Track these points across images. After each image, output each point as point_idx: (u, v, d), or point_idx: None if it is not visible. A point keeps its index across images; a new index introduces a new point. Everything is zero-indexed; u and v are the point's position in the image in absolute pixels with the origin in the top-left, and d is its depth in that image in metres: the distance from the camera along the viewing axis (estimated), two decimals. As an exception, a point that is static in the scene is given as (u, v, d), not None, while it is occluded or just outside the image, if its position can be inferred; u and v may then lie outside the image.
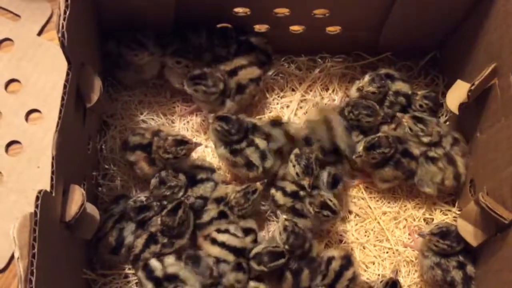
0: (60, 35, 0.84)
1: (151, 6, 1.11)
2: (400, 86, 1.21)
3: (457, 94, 1.09)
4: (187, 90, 1.15)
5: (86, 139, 1.09)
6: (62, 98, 0.87)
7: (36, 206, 0.74)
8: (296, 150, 1.10)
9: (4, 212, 1.15)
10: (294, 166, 1.09)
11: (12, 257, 1.11)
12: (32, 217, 0.74)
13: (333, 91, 1.30)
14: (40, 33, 1.31)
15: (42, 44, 1.30)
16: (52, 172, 0.82)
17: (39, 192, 0.76)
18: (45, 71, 1.27)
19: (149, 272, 1.01)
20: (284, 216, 1.06)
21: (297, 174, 1.08)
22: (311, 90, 1.30)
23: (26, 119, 1.24)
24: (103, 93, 1.14)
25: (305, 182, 1.07)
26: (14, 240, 0.72)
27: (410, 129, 1.14)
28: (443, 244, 1.05)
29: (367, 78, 1.20)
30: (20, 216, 0.74)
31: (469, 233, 1.02)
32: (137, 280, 1.09)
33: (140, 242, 1.06)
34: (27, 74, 1.27)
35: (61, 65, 0.90)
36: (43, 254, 0.75)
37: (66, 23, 0.84)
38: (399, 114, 1.17)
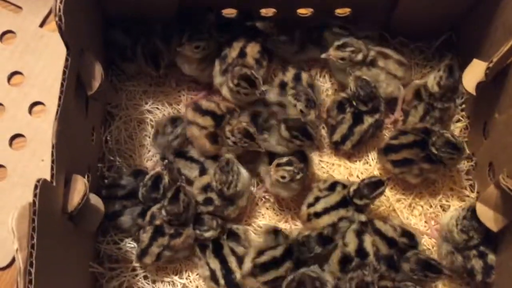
0: (57, 18, 0.81)
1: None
2: None
3: (473, 74, 1.04)
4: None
5: (90, 129, 1.06)
6: (62, 85, 0.83)
7: (35, 195, 0.71)
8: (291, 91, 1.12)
9: (9, 206, 1.12)
10: (295, 105, 1.09)
11: (18, 252, 1.09)
12: (31, 207, 0.71)
13: (343, 76, 1.26)
14: (42, 24, 1.29)
15: (44, 35, 1.27)
16: (52, 161, 0.79)
17: (38, 181, 0.72)
18: (48, 63, 1.25)
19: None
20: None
21: (301, 111, 1.08)
22: (320, 77, 1.26)
23: (30, 112, 1.21)
24: (107, 83, 1.11)
25: (312, 116, 1.07)
26: (12, 231, 0.69)
27: (342, 58, 1.12)
28: (466, 220, 1.00)
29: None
30: (20, 206, 0.71)
31: (489, 218, 0.97)
32: (144, 274, 1.06)
33: (146, 237, 1.02)
34: (30, 66, 1.25)
35: (64, 56, 0.87)
36: (44, 245, 0.72)
37: (64, 6, 0.81)
38: (323, 55, 1.14)
